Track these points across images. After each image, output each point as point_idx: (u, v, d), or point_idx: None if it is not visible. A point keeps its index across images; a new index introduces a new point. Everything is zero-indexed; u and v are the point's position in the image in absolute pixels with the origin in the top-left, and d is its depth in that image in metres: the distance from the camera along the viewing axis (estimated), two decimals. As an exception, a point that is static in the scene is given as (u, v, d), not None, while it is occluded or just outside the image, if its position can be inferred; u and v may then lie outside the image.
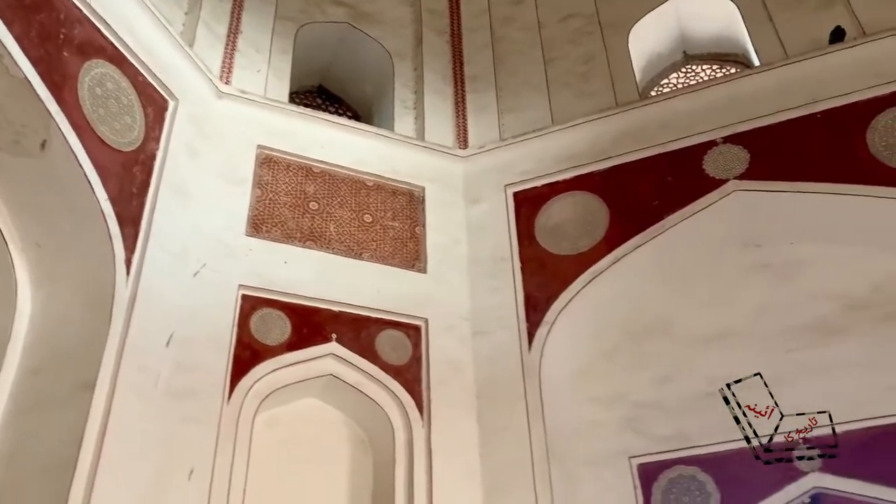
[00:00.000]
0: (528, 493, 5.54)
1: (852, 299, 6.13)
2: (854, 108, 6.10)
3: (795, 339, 6.16)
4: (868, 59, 6.24)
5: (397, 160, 7.05)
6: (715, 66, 8.13)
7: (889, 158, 5.87)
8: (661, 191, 6.49)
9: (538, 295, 6.44)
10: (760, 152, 6.28)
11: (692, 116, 6.67)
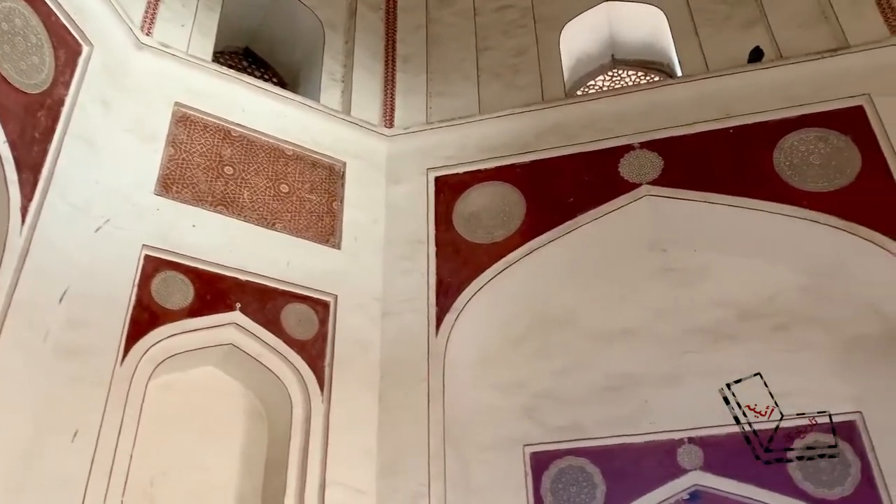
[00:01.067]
0: (422, 475, 5.60)
1: (746, 308, 6.43)
2: (764, 127, 6.39)
3: (690, 342, 6.42)
4: (781, 82, 6.54)
5: (320, 132, 6.94)
6: (640, 72, 8.34)
7: (792, 178, 6.17)
8: (578, 189, 6.62)
9: (450, 280, 6.48)
10: (674, 160, 6.50)
11: (614, 119, 6.84)
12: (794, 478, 5.79)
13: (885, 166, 5.99)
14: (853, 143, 6.15)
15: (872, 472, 5.65)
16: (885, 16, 6.59)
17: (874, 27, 6.58)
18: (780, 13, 7.13)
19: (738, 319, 6.40)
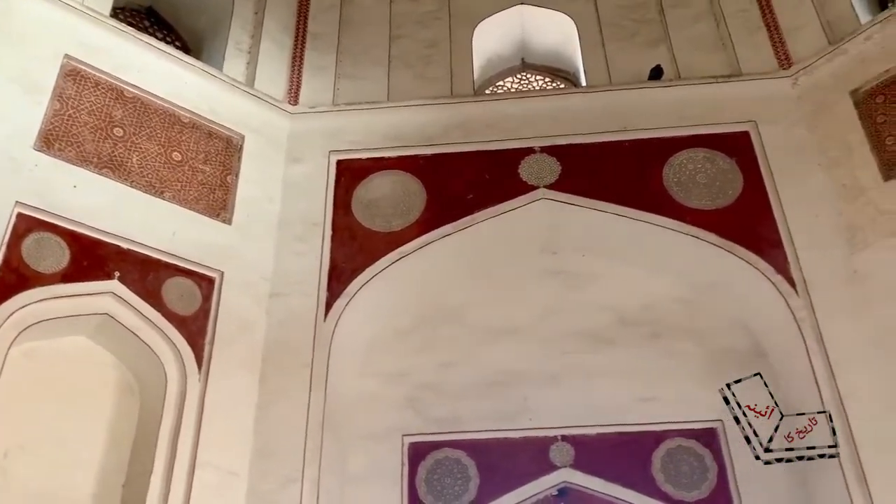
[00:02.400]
0: (297, 459, 5.53)
1: (625, 314, 6.69)
2: (657, 143, 6.67)
3: (571, 344, 6.62)
4: (677, 101, 6.85)
5: (220, 102, 6.71)
6: (548, 78, 8.52)
7: (678, 194, 6.46)
8: (478, 186, 6.69)
9: (344, 266, 6.41)
10: (572, 167, 6.67)
11: (518, 122, 6.95)
12: (657, 479, 6.07)
13: (763, 191, 6.36)
14: (737, 166, 6.51)
15: (727, 477, 6.00)
16: (776, 49, 7.00)
17: (765, 59, 6.99)
18: (682, 36, 7.46)
19: (618, 325, 6.66)
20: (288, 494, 5.42)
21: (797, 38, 6.95)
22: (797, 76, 6.75)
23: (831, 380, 5.51)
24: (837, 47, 6.54)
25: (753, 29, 7.21)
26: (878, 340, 5.53)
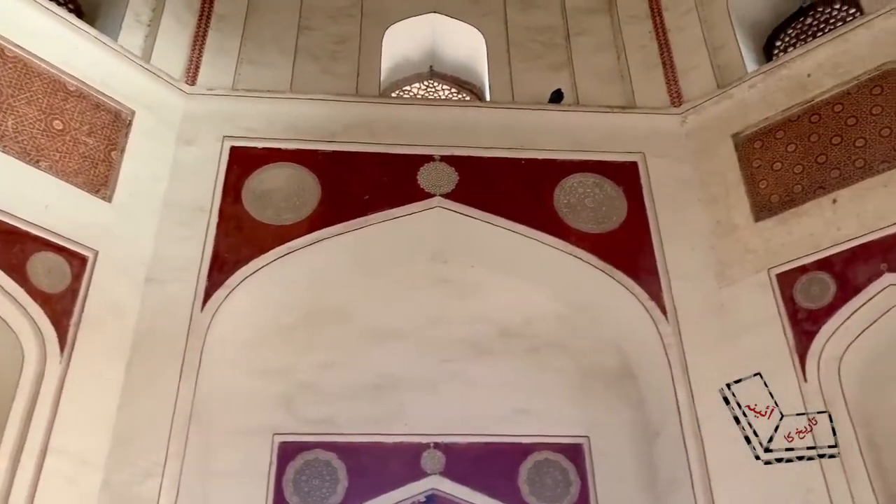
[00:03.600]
0: (159, 452, 5.31)
1: (507, 327, 6.84)
2: (551, 164, 6.85)
3: (452, 352, 6.70)
4: (573, 126, 7.07)
5: (112, 74, 6.38)
6: (454, 88, 8.60)
7: (567, 215, 6.66)
8: (375, 188, 6.66)
9: (227, 256, 6.22)
10: (469, 178, 6.75)
11: (421, 128, 6.98)
12: (523, 491, 6.23)
13: (645, 220, 6.66)
14: (624, 194, 6.78)
15: (589, 493, 6.23)
16: (669, 87, 7.35)
17: (659, 95, 7.33)
18: (585, 64, 7.72)
19: (499, 337, 6.80)
20: (145, 488, 5.20)
21: (690, 79, 7.32)
22: (686, 114, 7.11)
23: (691, 405, 5.81)
24: (724, 91, 6.94)
25: (651, 65, 7.55)
26: (737, 372, 5.87)
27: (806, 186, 6.17)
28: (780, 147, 6.44)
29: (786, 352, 5.73)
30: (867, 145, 5.95)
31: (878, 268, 5.57)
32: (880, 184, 5.76)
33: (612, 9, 8.10)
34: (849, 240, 5.75)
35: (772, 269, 6.04)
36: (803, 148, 6.30)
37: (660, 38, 7.66)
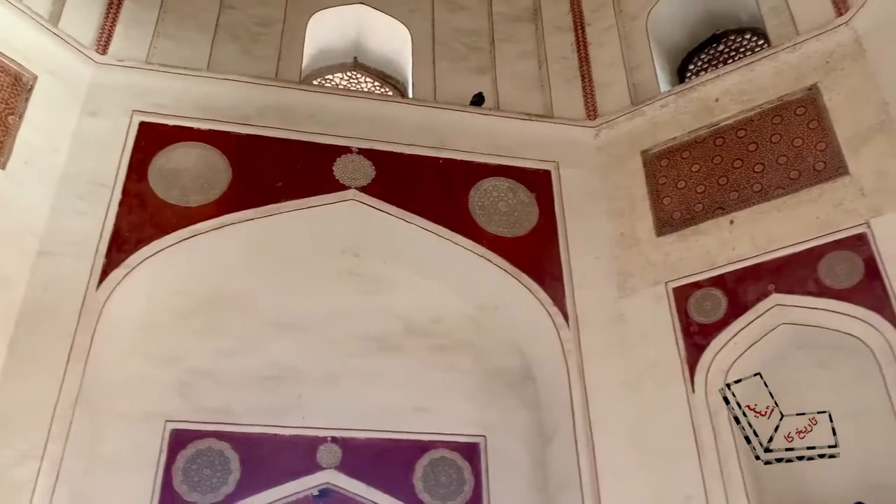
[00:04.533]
0: (40, 434, 5.07)
1: (414, 325, 6.86)
2: (468, 166, 6.93)
3: (357, 347, 6.67)
4: (492, 130, 7.17)
5: (15, 34, 6.04)
6: (377, 82, 8.56)
7: (480, 217, 6.74)
8: (289, 176, 6.56)
9: (129, 235, 5.99)
10: (386, 173, 6.73)
11: (340, 118, 6.91)
12: (417, 487, 6.26)
13: (555, 228, 6.82)
14: (536, 201, 6.92)
15: (482, 492, 6.31)
16: (586, 100, 7.55)
17: (575, 107, 7.52)
18: (507, 70, 7.84)
19: (406, 334, 6.81)
20: (22, 471, 4.96)
21: (606, 94, 7.53)
22: (600, 128, 7.31)
23: (585, 410, 5.98)
24: (637, 109, 7.18)
25: (570, 77, 7.73)
26: (630, 379, 6.09)
27: (706, 206, 6.44)
28: (686, 166, 6.71)
29: (677, 363, 5.98)
30: (765, 171, 6.27)
31: (767, 288, 5.88)
32: (774, 208, 6.08)
33: (538, 18, 8.25)
34: (742, 259, 6.05)
35: (669, 282, 6.29)
36: (706, 169, 6.58)
37: (580, 52, 7.85)
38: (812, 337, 5.74)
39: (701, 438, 5.64)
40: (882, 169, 5.69)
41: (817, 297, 5.64)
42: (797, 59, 6.45)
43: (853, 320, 5.45)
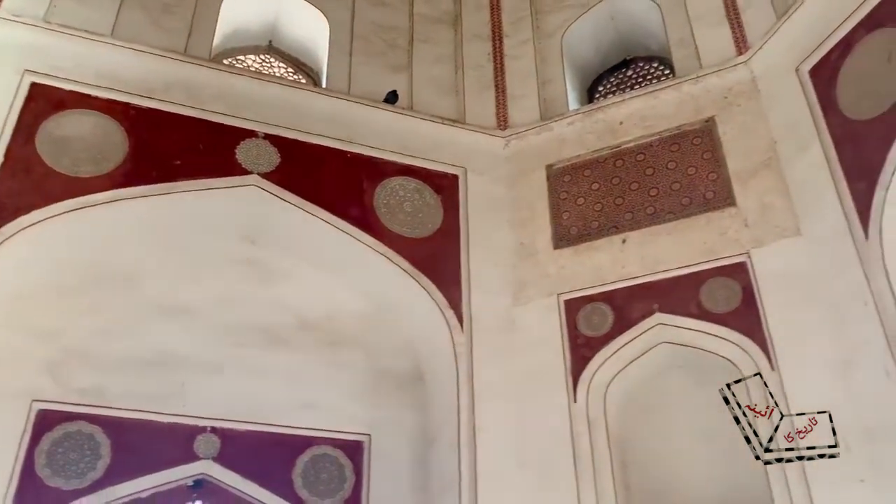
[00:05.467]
0: None
1: (307, 319, 6.78)
2: (376, 163, 6.90)
3: (246, 337, 6.53)
4: (404, 129, 7.17)
5: None
6: (291, 68, 8.39)
7: (384, 216, 6.72)
8: (189, 155, 6.33)
9: (7, 201, 5.62)
10: (291, 162, 6.61)
11: (248, 101, 6.73)
12: (296, 483, 6.20)
13: (457, 232, 6.88)
14: (441, 204, 6.96)
15: (362, 490, 6.30)
16: (498, 110, 7.67)
17: (487, 116, 7.62)
18: (423, 71, 7.86)
19: (297, 327, 6.72)
20: None
21: (517, 105, 7.67)
22: (510, 139, 7.44)
23: (471, 414, 6.05)
24: (545, 124, 7.34)
25: (485, 86, 7.83)
26: (517, 386, 6.21)
27: (602, 223, 6.66)
28: (586, 184, 6.91)
29: (562, 373, 6.14)
30: (659, 195, 6.54)
31: (652, 307, 6.12)
32: (665, 232, 6.35)
33: (458, 24, 8.32)
34: (630, 278, 6.28)
35: (561, 294, 6.46)
36: (605, 188, 6.81)
37: (496, 62, 7.97)
38: (689, 357, 6.02)
39: (578, 449, 5.80)
40: (766, 203, 6.04)
41: (697, 319, 5.92)
42: (698, 91, 6.77)
43: (727, 344, 5.76)
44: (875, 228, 5.23)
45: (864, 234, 5.29)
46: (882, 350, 4.98)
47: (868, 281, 5.18)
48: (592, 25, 8.16)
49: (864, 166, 5.41)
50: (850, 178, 5.51)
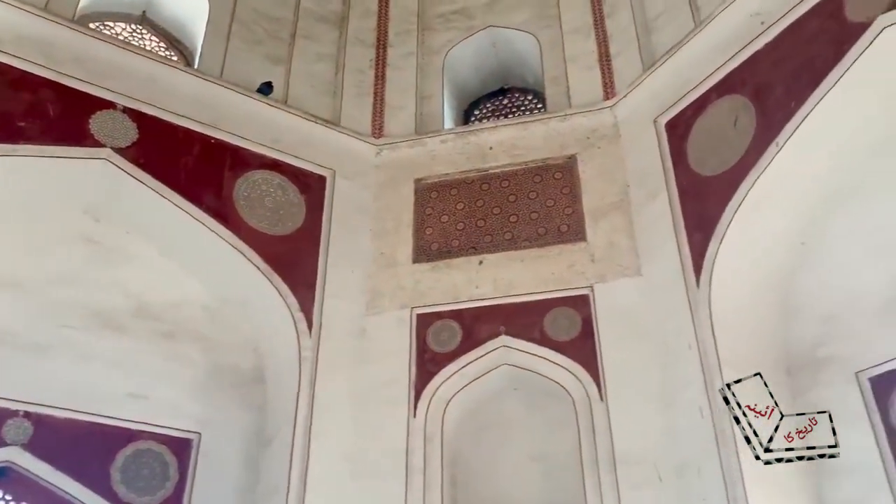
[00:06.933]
0: None
1: (146, 306, 6.42)
2: (242, 153, 6.70)
3: (76, 318, 6.11)
4: (275, 123, 7.02)
5: None
6: (164, 43, 8.00)
7: (243, 208, 6.52)
8: (36, 116, 5.90)
9: None
10: (150, 140, 6.28)
11: (112, 71, 6.36)
12: (113, 478, 5.84)
13: (318, 235, 6.79)
14: (305, 203, 6.84)
15: (185, 490, 6.01)
16: (374, 117, 7.65)
17: (362, 121, 7.60)
18: (303, 68, 7.76)
19: (135, 314, 6.36)
20: None
21: (394, 116, 7.69)
22: (382, 148, 7.44)
23: (309, 420, 5.93)
24: (419, 138, 7.40)
25: (364, 91, 7.80)
26: (359, 396, 6.18)
27: (462, 243, 6.78)
28: (452, 203, 7.02)
29: (406, 387, 6.17)
30: (519, 222, 6.75)
31: (498, 329, 6.29)
32: (519, 258, 6.55)
33: (343, 26, 8.26)
34: (482, 299, 6.43)
35: (415, 308, 6.51)
36: (469, 209, 6.95)
37: (378, 70, 7.96)
38: (527, 380, 6.22)
39: (412, 462, 5.83)
40: (613, 241, 6.38)
41: (539, 344, 6.14)
42: (565, 128, 7.06)
43: (563, 371, 6.01)
44: (706, 277, 5.66)
45: (696, 282, 5.71)
46: (699, 391, 5.37)
47: (695, 326, 5.58)
48: (475, 50, 8.34)
49: (704, 218, 5.84)
50: (689, 228, 5.93)
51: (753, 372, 5.40)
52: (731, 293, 5.65)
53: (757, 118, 5.69)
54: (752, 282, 5.77)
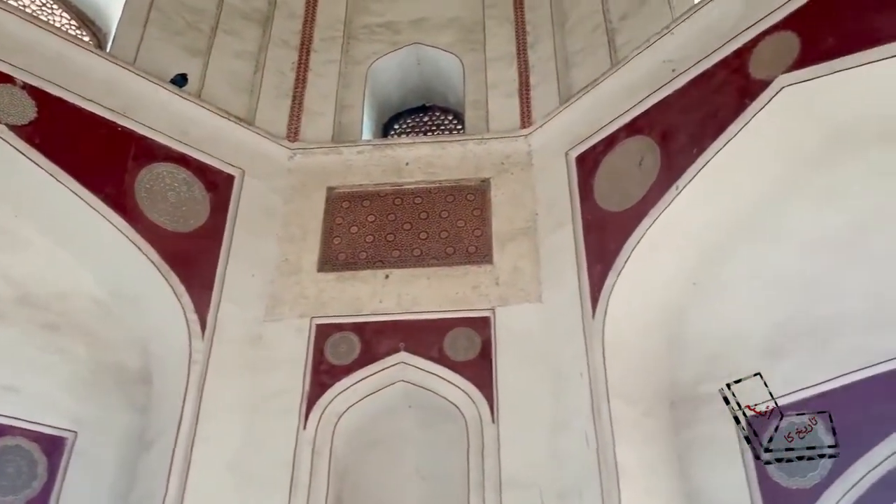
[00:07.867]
0: None
1: (30, 294, 6.02)
2: (147, 144, 6.45)
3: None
4: (186, 116, 6.82)
5: None
6: (75, 22, 7.68)
7: (143, 200, 6.27)
8: (-77, 84, 5.51)
9: None
10: (50, 121, 5.96)
11: (14, 44, 6.02)
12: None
13: (220, 235, 6.58)
14: (209, 201, 6.65)
15: (52, 491, 5.67)
16: (291, 120, 7.54)
17: (277, 123, 7.45)
18: (221, 63, 7.58)
19: (15, 302, 5.97)
20: None
21: (312, 122, 7.59)
22: (296, 152, 7.33)
23: (194, 425, 5.71)
24: (335, 146, 7.33)
25: (282, 94, 7.67)
26: (249, 404, 6.02)
27: (370, 256, 6.75)
28: (363, 214, 6.99)
29: (298, 398, 6.04)
30: (428, 239, 6.78)
31: (398, 345, 6.27)
32: (425, 276, 6.57)
33: (268, 25, 8.14)
34: (385, 314, 6.40)
35: (315, 318, 6.41)
36: (380, 222, 6.93)
37: (299, 73, 7.86)
38: (421, 398, 6.21)
39: (297, 475, 5.70)
40: (518, 267, 6.48)
41: (437, 363, 6.15)
42: (481, 151, 7.15)
43: (458, 391, 6.04)
44: (602, 308, 5.83)
45: (592, 312, 5.87)
46: (587, 419, 5.51)
47: (587, 355, 5.73)
48: (399, 65, 8.37)
49: (605, 252, 6.03)
50: (590, 260, 6.11)
51: (640, 403, 5.61)
52: (624, 326, 5.84)
53: (661, 160, 5.93)
54: (645, 316, 5.98)
